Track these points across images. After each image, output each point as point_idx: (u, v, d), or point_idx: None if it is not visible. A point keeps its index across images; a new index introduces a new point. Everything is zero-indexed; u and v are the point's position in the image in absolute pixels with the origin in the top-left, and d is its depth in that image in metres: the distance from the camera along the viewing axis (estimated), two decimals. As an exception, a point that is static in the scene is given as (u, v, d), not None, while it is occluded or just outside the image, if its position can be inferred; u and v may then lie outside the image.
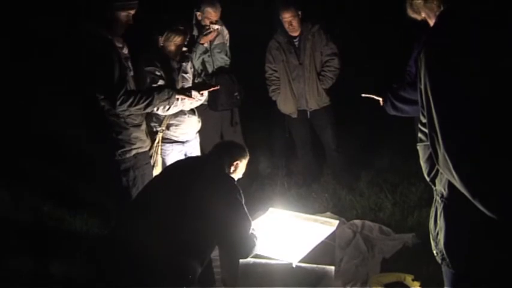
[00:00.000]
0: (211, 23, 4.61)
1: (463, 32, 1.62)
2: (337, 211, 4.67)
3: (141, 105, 3.37)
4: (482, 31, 1.61)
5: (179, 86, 3.86)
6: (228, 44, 4.89)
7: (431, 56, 1.66)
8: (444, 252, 1.87)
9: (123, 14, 3.33)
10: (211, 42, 4.69)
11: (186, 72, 4.01)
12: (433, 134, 1.67)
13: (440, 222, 1.86)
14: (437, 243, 1.91)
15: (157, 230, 2.66)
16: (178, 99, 3.68)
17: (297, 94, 5.02)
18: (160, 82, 3.71)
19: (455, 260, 1.86)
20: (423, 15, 1.87)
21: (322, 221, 3.73)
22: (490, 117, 1.57)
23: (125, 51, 3.46)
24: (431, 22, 1.83)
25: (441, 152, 1.64)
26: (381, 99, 3.39)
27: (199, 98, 3.81)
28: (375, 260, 3.81)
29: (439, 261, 1.94)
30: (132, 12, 3.37)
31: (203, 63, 4.71)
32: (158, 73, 3.73)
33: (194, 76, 4.17)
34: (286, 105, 5.11)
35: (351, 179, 5.25)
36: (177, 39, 3.81)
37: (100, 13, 3.30)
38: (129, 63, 3.48)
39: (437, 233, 1.90)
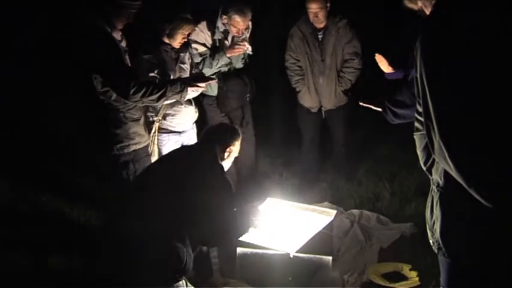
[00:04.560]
0: (237, 32, 4.27)
1: (459, 19, 1.60)
2: (335, 201, 4.66)
3: (154, 97, 3.31)
4: (479, 18, 1.59)
5: (176, 76, 3.84)
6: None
7: (427, 44, 1.64)
8: (440, 241, 1.86)
9: (125, 12, 3.31)
10: (232, 41, 4.36)
11: (184, 63, 3.98)
12: (429, 122, 1.65)
13: (437, 211, 1.85)
14: (434, 233, 1.90)
15: (146, 217, 2.70)
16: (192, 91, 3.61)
17: (318, 90, 4.76)
18: (157, 71, 3.67)
19: (451, 249, 1.85)
20: (420, 4, 1.85)
21: (319, 211, 3.73)
22: (487, 105, 1.55)
23: (123, 44, 3.43)
24: (428, 11, 1.81)
25: (436, 140, 1.63)
26: (380, 109, 3.33)
27: (196, 90, 3.75)
28: (373, 250, 3.82)
29: (436, 251, 1.94)
30: (134, 11, 3.34)
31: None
32: (155, 62, 3.70)
33: (191, 67, 4.14)
34: (308, 99, 4.82)
35: (352, 169, 5.20)
36: (185, 29, 3.80)
37: (101, 7, 3.26)
38: (127, 57, 3.44)
39: (434, 223, 1.89)
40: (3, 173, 5.23)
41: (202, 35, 4.29)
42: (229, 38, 4.37)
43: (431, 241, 1.96)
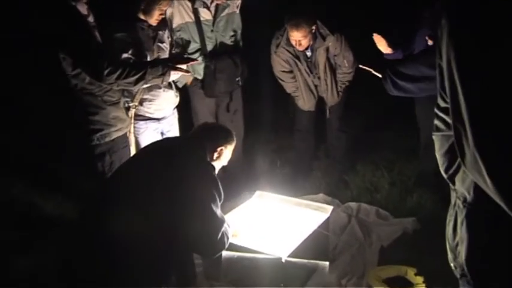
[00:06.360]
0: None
1: None
2: (331, 192, 4.34)
3: (132, 79, 2.95)
4: None
5: (154, 56, 3.45)
6: (237, 12, 4.16)
7: (458, 22, 1.25)
8: (465, 267, 1.52)
9: None
10: (216, 12, 4.01)
11: (163, 42, 3.58)
12: (459, 125, 1.28)
13: (462, 232, 1.50)
14: (457, 256, 1.56)
15: (129, 218, 2.36)
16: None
17: (316, 96, 4.49)
18: (131, 51, 3.28)
19: (479, 277, 1.51)
20: None
21: (314, 207, 3.40)
22: None
23: (91, 19, 3.02)
24: None
25: (470, 150, 1.26)
26: (379, 75, 2.98)
27: (178, 73, 3.37)
28: (373, 249, 3.48)
29: (457, 276, 1.60)
30: None
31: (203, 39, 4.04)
32: (129, 40, 3.31)
33: (171, 46, 3.76)
34: (305, 104, 4.52)
35: (348, 156, 4.82)
36: (163, 4, 3.40)
37: None
38: (97, 33, 3.05)
39: (457, 244, 1.55)
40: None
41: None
42: (212, 8, 3.99)
43: (452, 264, 1.62)
